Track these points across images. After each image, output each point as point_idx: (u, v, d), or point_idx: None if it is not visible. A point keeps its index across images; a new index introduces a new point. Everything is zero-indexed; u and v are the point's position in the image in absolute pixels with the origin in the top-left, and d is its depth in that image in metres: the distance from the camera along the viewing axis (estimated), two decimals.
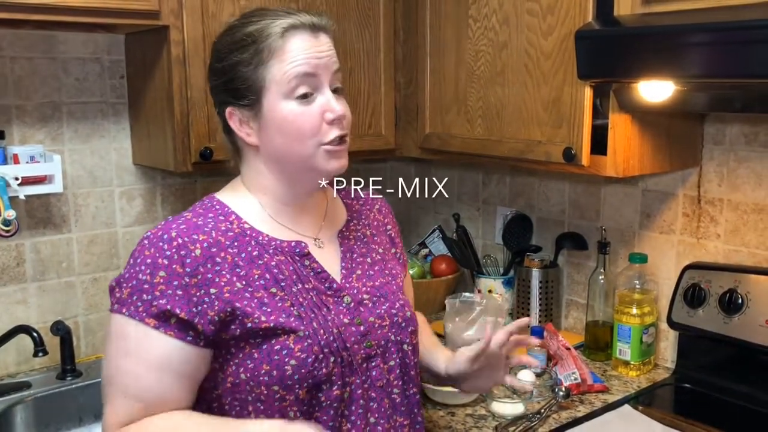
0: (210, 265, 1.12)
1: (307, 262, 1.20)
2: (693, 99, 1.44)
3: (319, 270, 1.21)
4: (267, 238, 1.19)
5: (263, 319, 1.12)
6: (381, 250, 1.34)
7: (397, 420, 1.23)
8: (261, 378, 1.12)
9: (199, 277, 1.10)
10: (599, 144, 1.55)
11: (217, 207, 1.20)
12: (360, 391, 1.18)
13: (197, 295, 1.10)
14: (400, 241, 1.44)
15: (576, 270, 2.05)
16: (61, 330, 1.74)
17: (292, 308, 1.15)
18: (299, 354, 1.12)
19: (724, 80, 1.31)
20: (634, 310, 1.76)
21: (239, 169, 1.25)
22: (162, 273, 1.09)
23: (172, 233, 1.12)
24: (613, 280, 1.88)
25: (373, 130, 1.97)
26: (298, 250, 1.20)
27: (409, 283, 1.50)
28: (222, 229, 1.16)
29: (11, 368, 1.80)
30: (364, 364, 1.19)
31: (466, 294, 1.91)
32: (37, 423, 1.70)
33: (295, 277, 1.18)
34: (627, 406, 1.61)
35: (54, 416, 1.72)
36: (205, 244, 1.13)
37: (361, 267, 1.28)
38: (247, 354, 1.13)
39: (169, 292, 1.09)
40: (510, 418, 1.56)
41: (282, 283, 1.16)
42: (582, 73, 1.45)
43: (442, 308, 1.98)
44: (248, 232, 1.18)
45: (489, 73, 1.75)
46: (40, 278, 1.82)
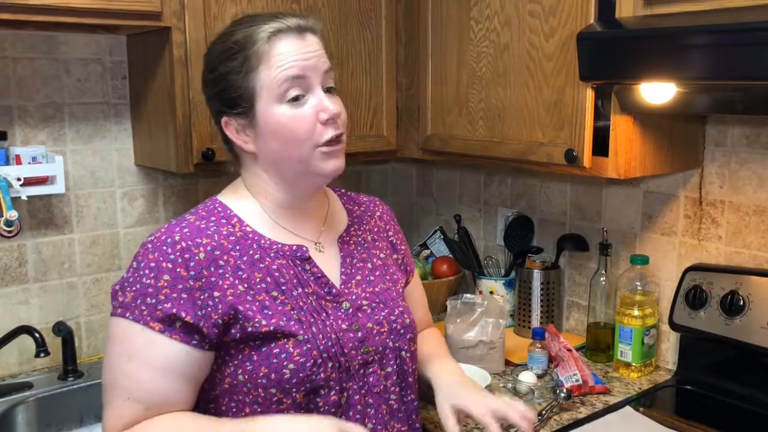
0: (213, 269, 1.12)
1: (307, 267, 1.20)
2: (695, 101, 1.44)
3: (319, 275, 1.21)
4: (269, 242, 1.19)
5: (264, 322, 1.12)
6: (382, 255, 1.34)
7: (394, 426, 1.23)
8: (259, 380, 1.12)
9: (203, 280, 1.10)
10: (601, 145, 1.55)
11: (219, 210, 1.21)
12: (357, 397, 1.18)
13: (201, 298, 1.10)
14: (405, 247, 1.43)
15: (577, 271, 2.05)
16: (62, 330, 1.75)
17: (292, 312, 1.14)
18: (298, 358, 1.12)
19: (726, 82, 1.31)
20: (636, 312, 1.76)
21: (239, 173, 1.26)
22: (166, 277, 1.09)
23: (176, 237, 1.12)
24: (614, 282, 1.88)
25: (374, 132, 1.97)
26: (299, 254, 1.20)
27: (417, 285, 1.49)
28: (224, 232, 1.16)
29: (13, 369, 1.81)
30: (362, 370, 1.19)
31: (468, 295, 1.90)
32: (38, 423, 1.70)
33: (295, 281, 1.18)
34: (628, 408, 1.61)
35: (56, 417, 1.72)
36: (209, 248, 1.13)
37: (361, 272, 1.28)
38: (246, 356, 1.13)
39: (174, 296, 1.09)
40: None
41: (283, 287, 1.16)
42: (584, 75, 1.46)
43: (444, 309, 1.98)
44: (250, 235, 1.18)
45: (491, 74, 1.75)
46: (41, 279, 1.82)
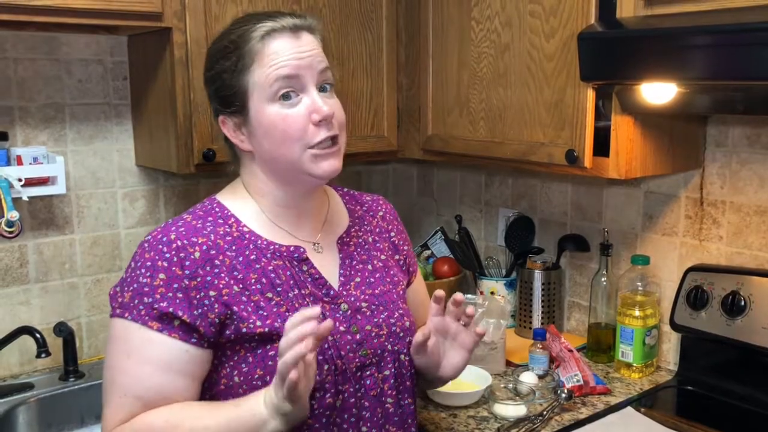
0: (209, 268, 1.11)
1: (305, 268, 1.19)
2: (695, 101, 1.44)
3: (316, 276, 1.20)
4: (265, 242, 1.18)
5: (258, 324, 1.11)
6: (383, 257, 1.33)
7: (389, 430, 1.22)
8: (254, 382, 1.11)
9: (198, 279, 1.10)
10: (602, 146, 1.55)
11: (217, 209, 1.20)
12: (353, 400, 1.17)
13: (197, 297, 1.09)
14: (408, 247, 1.41)
15: (578, 272, 2.05)
16: (63, 331, 1.75)
17: (287, 314, 1.13)
18: None
19: (727, 82, 1.31)
20: (637, 312, 1.75)
21: (238, 173, 1.26)
22: (162, 275, 1.09)
23: (171, 236, 1.12)
24: (615, 282, 1.88)
25: (375, 132, 1.97)
26: (296, 255, 1.20)
27: (420, 285, 1.47)
28: (221, 232, 1.16)
29: (14, 369, 1.81)
30: (358, 373, 1.18)
31: (469, 296, 1.90)
32: (39, 424, 1.70)
33: (292, 282, 1.17)
34: (629, 408, 1.61)
35: (57, 417, 1.72)
36: (204, 247, 1.12)
37: (360, 274, 1.27)
38: (241, 357, 1.12)
39: (170, 295, 1.08)
40: (512, 419, 1.55)
41: (278, 288, 1.15)
42: (584, 75, 1.45)
43: None
44: (247, 235, 1.18)
45: (491, 74, 1.75)
46: (43, 279, 1.82)
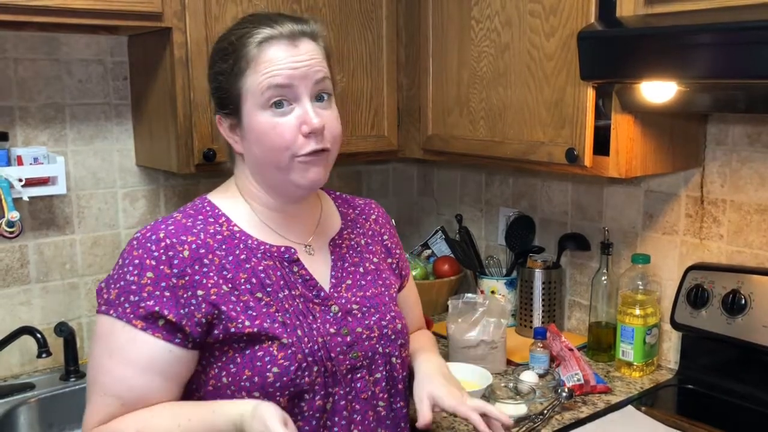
0: (198, 267, 1.11)
1: (295, 269, 1.19)
2: (696, 99, 1.44)
3: (307, 277, 1.20)
4: (256, 242, 1.18)
5: (247, 324, 1.10)
6: (375, 259, 1.32)
7: None
8: (242, 383, 1.10)
9: (186, 278, 1.10)
10: (602, 145, 1.55)
11: (207, 209, 1.20)
12: (343, 403, 1.16)
13: (185, 296, 1.09)
14: (401, 251, 1.41)
15: (579, 271, 2.05)
16: (64, 331, 1.75)
17: (277, 314, 1.13)
18: (282, 361, 1.10)
19: (727, 81, 1.31)
20: (637, 311, 1.75)
21: (233, 171, 1.26)
22: (150, 274, 1.08)
23: (161, 234, 1.12)
24: (616, 281, 1.88)
25: (375, 132, 1.97)
26: (287, 256, 1.19)
27: (412, 289, 1.46)
28: (211, 231, 1.16)
29: (15, 369, 1.81)
30: (349, 375, 1.17)
31: (469, 295, 1.90)
32: (40, 424, 1.70)
33: (282, 282, 1.16)
34: (630, 407, 1.61)
35: (57, 417, 1.72)
36: (194, 246, 1.12)
37: (352, 276, 1.26)
38: (230, 358, 1.11)
39: (157, 294, 1.08)
40: (513, 418, 1.55)
41: (268, 288, 1.15)
42: (584, 74, 1.45)
43: (445, 309, 1.98)
44: (237, 235, 1.17)
45: (491, 74, 1.75)
46: (43, 279, 1.82)
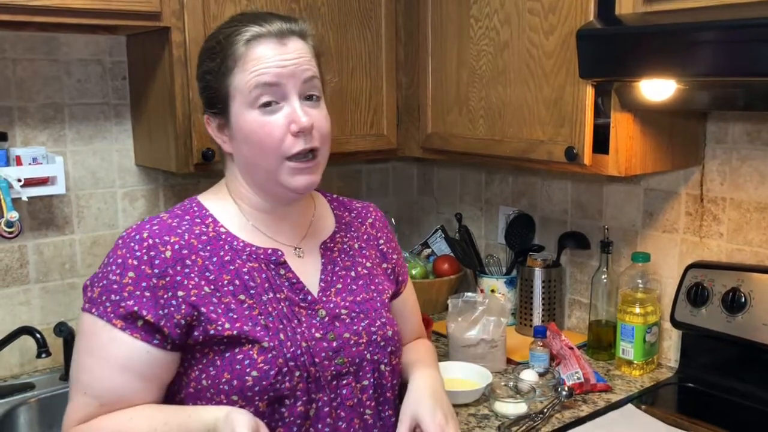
0: (179, 268, 1.10)
1: (282, 271, 1.17)
2: (695, 97, 1.44)
3: (294, 280, 1.18)
4: (242, 244, 1.17)
5: (227, 326, 1.09)
6: (369, 264, 1.30)
7: None
8: (221, 386, 1.09)
9: (167, 279, 1.09)
10: (601, 143, 1.55)
11: (195, 209, 1.19)
12: (327, 409, 1.14)
13: (165, 297, 1.08)
14: (398, 256, 1.38)
15: (579, 269, 2.05)
16: (64, 331, 1.74)
17: (259, 317, 1.11)
18: (262, 365, 1.09)
19: (727, 79, 1.31)
20: (637, 310, 1.75)
21: (224, 172, 1.25)
22: (131, 274, 1.08)
23: (144, 234, 1.11)
24: (615, 280, 1.88)
25: (374, 131, 1.97)
26: (273, 258, 1.17)
27: (410, 296, 1.43)
28: (196, 231, 1.15)
29: (15, 369, 1.81)
30: (334, 382, 1.15)
31: (469, 294, 1.90)
32: (40, 424, 1.70)
33: (267, 285, 1.15)
34: (630, 406, 1.61)
35: (57, 417, 1.72)
36: (176, 246, 1.11)
37: (342, 281, 1.24)
38: (210, 360, 1.10)
39: (137, 294, 1.07)
40: (513, 417, 1.55)
41: (252, 291, 1.13)
42: (584, 73, 1.45)
43: (445, 308, 1.98)
44: (223, 236, 1.16)
45: (491, 72, 1.75)
46: (43, 280, 1.82)
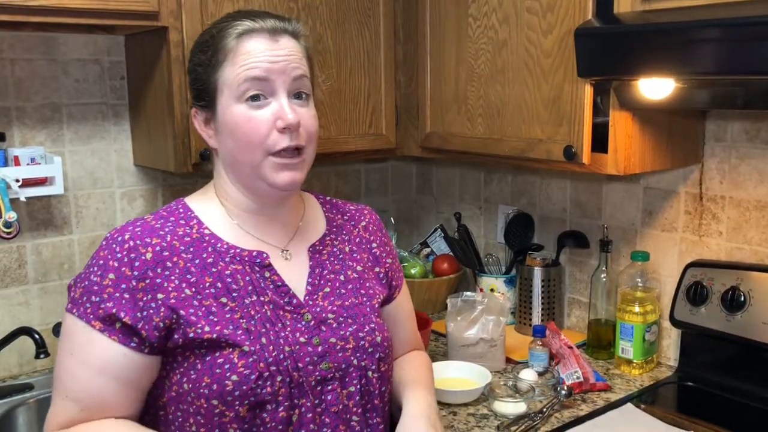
0: (160, 270, 1.09)
1: (267, 274, 1.15)
2: (694, 96, 1.43)
3: (279, 283, 1.16)
4: (226, 246, 1.15)
5: (207, 329, 1.08)
6: (359, 268, 1.27)
7: None
8: (201, 390, 1.07)
9: (147, 281, 1.08)
10: (600, 142, 1.55)
11: (180, 211, 1.18)
12: (311, 415, 1.11)
13: (144, 300, 1.07)
14: (392, 260, 1.35)
15: (578, 268, 2.05)
16: None
17: (241, 321, 1.10)
18: (242, 369, 1.07)
19: (726, 77, 1.31)
20: (637, 309, 1.75)
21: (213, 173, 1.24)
22: (111, 275, 1.08)
23: (126, 235, 1.11)
24: (615, 279, 1.88)
25: (373, 130, 1.97)
26: (258, 261, 1.16)
27: (404, 301, 1.39)
28: (179, 233, 1.14)
29: (13, 370, 1.81)
30: (318, 387, 1.12)
31: (468, 293, 1.90)
32: (39, 424, 1.69)
33: (250, 288, 1.13)
34: (630, 405, 1.61)
35: None
36: (158, 248, 1.11)
37: (331, 284, 1.22)
38: (191, 364, 1.09)
39: (116, 295, 1.07)
40: (512, 417, 1.55)
41: (234, 294, 1.12)
42: (582, 71, 1.45)
43: (444, 307, 1.98)
44: (207, 237, 1.15)
45: (489, 71, 1.75)
46: (41, 280, 1.82)
